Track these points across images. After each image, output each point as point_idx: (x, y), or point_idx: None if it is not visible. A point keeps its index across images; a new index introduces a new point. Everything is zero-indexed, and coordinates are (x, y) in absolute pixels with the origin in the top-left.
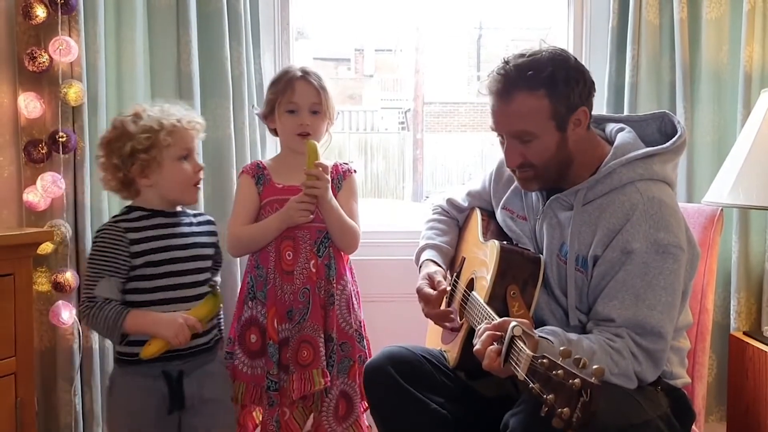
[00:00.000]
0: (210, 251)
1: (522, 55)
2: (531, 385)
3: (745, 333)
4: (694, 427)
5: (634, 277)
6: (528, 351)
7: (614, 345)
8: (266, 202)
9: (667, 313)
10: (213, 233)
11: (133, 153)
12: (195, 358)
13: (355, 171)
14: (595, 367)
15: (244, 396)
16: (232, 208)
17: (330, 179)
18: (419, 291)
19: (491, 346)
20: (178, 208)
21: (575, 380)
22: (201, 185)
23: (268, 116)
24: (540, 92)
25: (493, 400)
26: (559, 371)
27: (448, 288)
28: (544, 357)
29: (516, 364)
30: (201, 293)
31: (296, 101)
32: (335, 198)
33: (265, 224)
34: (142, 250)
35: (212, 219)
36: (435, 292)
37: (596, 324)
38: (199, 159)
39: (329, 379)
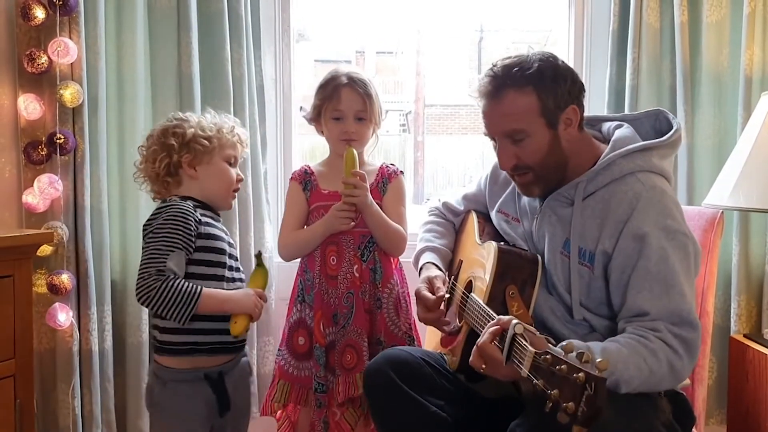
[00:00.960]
0: None
1: (508, 58)
2: (534, 381)
3: (745, 336)
4: (694, 430)
5: (656, 263)
6: (530, 348)
7: (650, 345)
8: (313, 207)
9: (693, 300)
10: None
11: (193, 139)
12: (236, 354)
13: (402, 172)
14: (599, 360)
15: (289, 395)
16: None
17: (368, 186)
18: (417, 294)
19: (493, 343)
20: None
21: (579, 374)
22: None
23: (315, 120)
24: (528, 89)
25: (493, 402)
26: (562, 366)
27: (447, 295)
28: (546, 353)
29: (519, 361)
30: (238, 288)
31: (341, 109)
32: (382, 201)
33: (310, 230)
34: (206, 234)
35: None
36: (433, 297)
37: (628, 321)
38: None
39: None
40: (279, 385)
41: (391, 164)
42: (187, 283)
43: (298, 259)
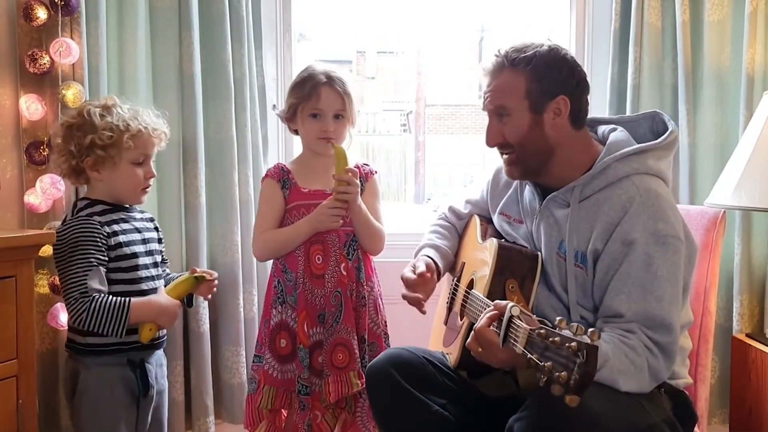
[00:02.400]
0: (160, 246)
1: (518, 43)
2: (529, 356)
3: (747, 335)
4: (696, 429)
5: (638, 268)
6: (525, 325)
7: (629, 342)
8: (292, 206)
9: (674, 304)
10: (158, 229)
11: (91, 146)
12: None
13: (375, 172)
14: (591, 330)
15: (275, 400)
16: (230, 209)
17: (359, 183)
18: (402, 276)
19: (490, 326)
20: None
21: (572, 344)
22: (148, 190)
23: (289, 119)
24: (519, 69)
25: (495, 401)
26: (555, 338)
27: (449, 295)
28: (541, 328)
29: (514, 340)
30: (156, 288)
31: (321, 107)
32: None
33: (294, 229)
34: (116, 244)
35: (153, 216)
36: (414, 276)
37: (605, 321)
38: (154, 166)
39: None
40: (264, 391)
41: (365, 164)
42: (114, 298)
43: (271, 261)
